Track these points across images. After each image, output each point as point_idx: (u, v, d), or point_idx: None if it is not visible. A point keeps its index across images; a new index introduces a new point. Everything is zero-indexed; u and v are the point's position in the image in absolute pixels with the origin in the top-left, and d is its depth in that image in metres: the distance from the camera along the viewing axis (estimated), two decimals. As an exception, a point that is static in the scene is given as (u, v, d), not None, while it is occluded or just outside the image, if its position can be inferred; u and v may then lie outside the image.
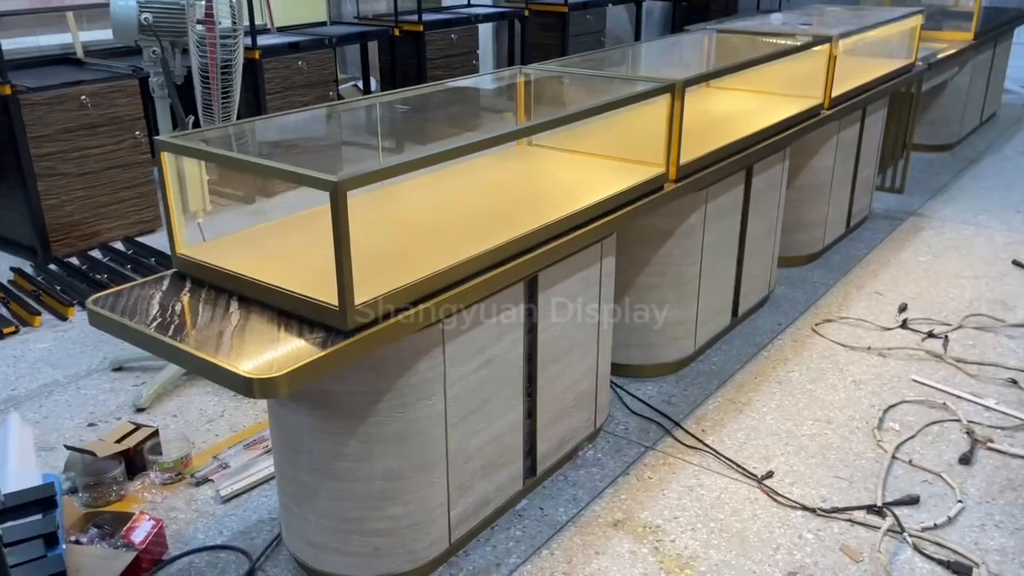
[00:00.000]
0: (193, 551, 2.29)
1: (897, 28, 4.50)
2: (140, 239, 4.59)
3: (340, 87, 6.83)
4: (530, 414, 2.43)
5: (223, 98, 2.77)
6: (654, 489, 2.56)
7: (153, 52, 2.88)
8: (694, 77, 2.78)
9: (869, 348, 3.41)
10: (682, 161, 2.76)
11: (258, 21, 6.09)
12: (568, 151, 2.94)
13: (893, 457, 2.71)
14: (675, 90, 2.65)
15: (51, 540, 1.90)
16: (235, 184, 4.30)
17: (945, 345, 3.43)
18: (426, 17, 6.58)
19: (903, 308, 3.75)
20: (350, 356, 1.73)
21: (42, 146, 4.17)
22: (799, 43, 3.66)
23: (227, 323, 1.81)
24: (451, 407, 2.09)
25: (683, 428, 2.86)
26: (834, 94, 3.79)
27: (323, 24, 6.41)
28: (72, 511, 2.28)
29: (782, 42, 3.73)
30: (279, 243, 2.13)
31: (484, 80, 3.22)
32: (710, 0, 10.48)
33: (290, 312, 1.84)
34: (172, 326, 1.80)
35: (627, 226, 2.98)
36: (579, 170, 2.72)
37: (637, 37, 9.28)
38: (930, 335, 3.51)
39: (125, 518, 2.27)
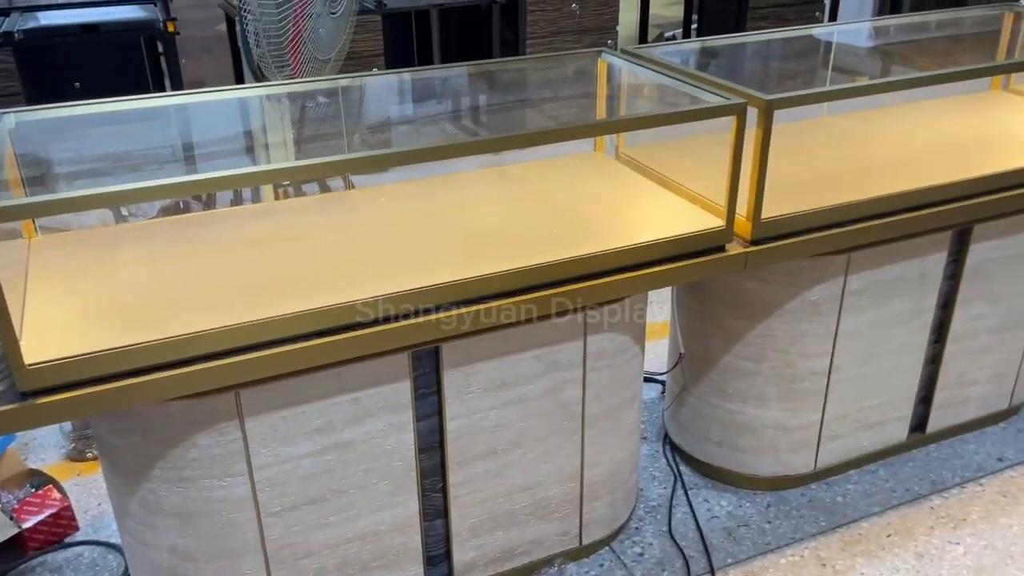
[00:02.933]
0: (88, 542, 2.20)
1: None
2: None
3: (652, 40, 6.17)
4: (443, 514, 1.88)
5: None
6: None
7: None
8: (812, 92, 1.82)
9: (1122, 547, 2.12)
10: (765, 215, 1.86)
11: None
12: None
13: None
14: (739, 111, 1.76)
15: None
16: None
17: None
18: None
19: None
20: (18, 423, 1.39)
21: None
22: None
23: None
24: (266, 492, 1.66)
25: (718, 581, 2.04)
26: None
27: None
28: (13, 464, 2.31)
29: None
30: None
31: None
32: None
33: None
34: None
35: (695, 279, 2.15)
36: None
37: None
38: None
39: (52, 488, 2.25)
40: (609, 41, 5.11)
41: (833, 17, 6.30)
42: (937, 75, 2.02)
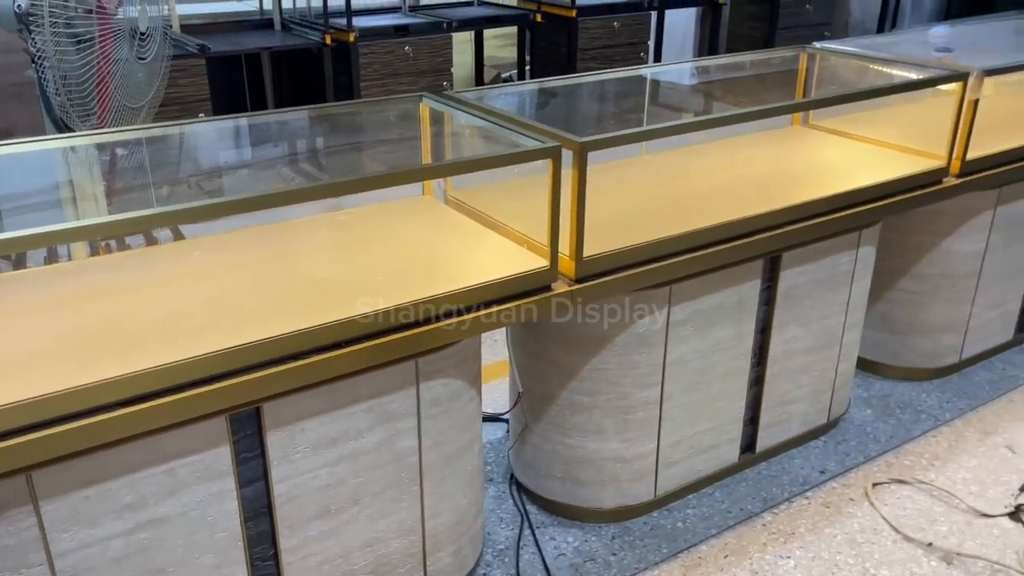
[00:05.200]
0: None
1: None
2: None
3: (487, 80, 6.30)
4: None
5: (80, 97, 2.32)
6: None
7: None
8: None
9: (931, 545, 2.28)
10: (587, 253, 1.90)
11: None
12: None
13: None
14: (553, 155, 1.80)
15: None
16: None
17: (1064, 568, 2.20)
18: (583, 1, 5.80)
19: (1032, 484, 2.51)
20: None
21: None
22: (919, 78, 2.51)
23: None
24: None
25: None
26: (975, 154, 2.59)
27: (469, 4, 5.88)
28: None
29: (898, 73, 2.60)
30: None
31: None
32: (1000, -11, 8.49)
33: None
34: None
35: (534, 318, 2.17)
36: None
37: (881, 30, 7.71)
38: (1049, 543, 2.29)
39: None
40: (445, 83, 5.16)
41: (657, 57, 6.65)
42: (741, 114, 2.14)
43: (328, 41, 4.66)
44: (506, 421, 2.70)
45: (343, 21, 4.68)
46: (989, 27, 3.60)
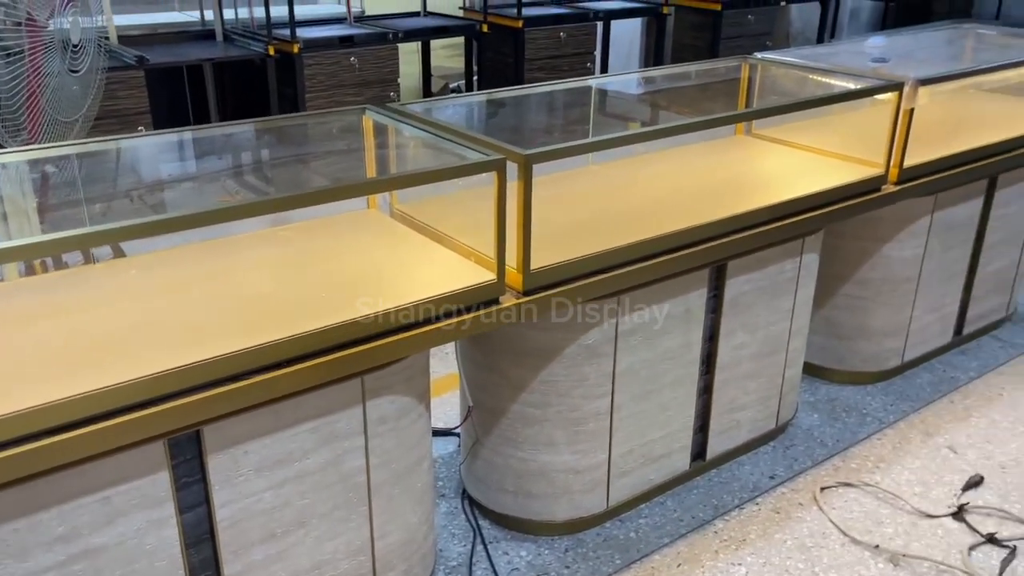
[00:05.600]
0: None
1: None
2: None
3: (437, 93, 6.28)
4: (221, 609, 1.73)
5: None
6: None
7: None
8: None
9: (878, 547, 2.31)
10: (533, 265, 1.89)
11: (333, 8, 5.66)
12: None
13: None
14: (498, 167, 1.79)
15: None
16: None
17: (1006, 565, 2.25)
18: (529, 11, 5.82)
19: (973, 483, 2.56)
20: None
21: None
22: (857, 88, 2.56)
23: None
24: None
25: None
26: (912, 162, 2.65)
27: (416, 14, 5.86)
28: None
29: (836, 83, 2.65)
30: None
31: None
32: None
33: None
34: None
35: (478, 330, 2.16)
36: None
37: (820, 40, 7.88)
38: (990, 540, 2.34)
39: None
40: (392, 93, 5.13)
41: (604, 67, 6.70)
42: (685, 124, 2.16)
43: (272, 52, 4.60)
44: (457, 435, 2.67)
45: (287, 32, 4.62)
46: (923, 37, 3.70)
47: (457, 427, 2.58)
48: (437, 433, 2.71)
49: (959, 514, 2.43)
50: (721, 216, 2.22)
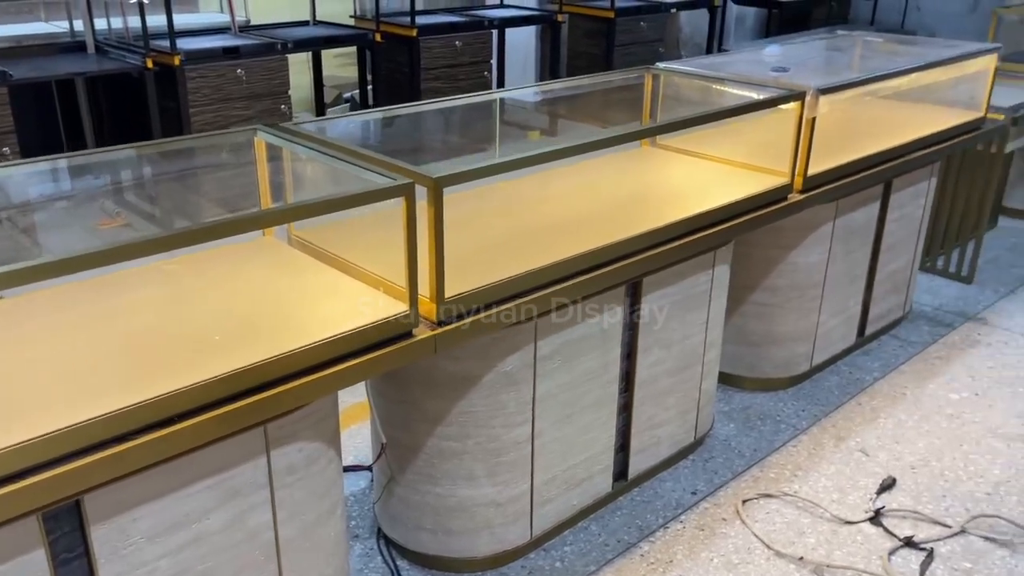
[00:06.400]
0: None
1: (952, 73, 3.27)
2: None
3: (331, 108, 6.08)
4: None
5: None
6: None
7: None
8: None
9: (802, 559, 2.30)
10: (448, 293, 1.78)
11: (216, 18, 5.40)
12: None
13: None
14: (406, 192, 1.68)
15: None
16: None
17: (925, 568, 2.28)
18: (423, 20, 5.70)
19: (887, 486, 2.60)
20: None
21: None
22: (761, 98, 2.56)
23: None
24: None
25: None
26: (816, 169, 2.67)
27: (305, 23, 5.64)
28: None
29: (739, 93, 2.64)
30: None
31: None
32: (812, 6, 9.10)
33: None
34: None
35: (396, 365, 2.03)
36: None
37: (710, 49, 8.06)
38: (908, 543, 2.36)
39: None
40: (283, 106, 4.91)
41: (501, 75, 6.64)
42: (596, 141, 2.09)
43: (150, 65, 4.32)
44: (370, 469, 2.53)
45: (166, 43, 4.35)
46: (816, 45, 3.78)
47: (370, 465, 2.45)
48: (348, 469, 2.56)
49: (876, 519, 2.45)
50: (636, 232, 2.17)
